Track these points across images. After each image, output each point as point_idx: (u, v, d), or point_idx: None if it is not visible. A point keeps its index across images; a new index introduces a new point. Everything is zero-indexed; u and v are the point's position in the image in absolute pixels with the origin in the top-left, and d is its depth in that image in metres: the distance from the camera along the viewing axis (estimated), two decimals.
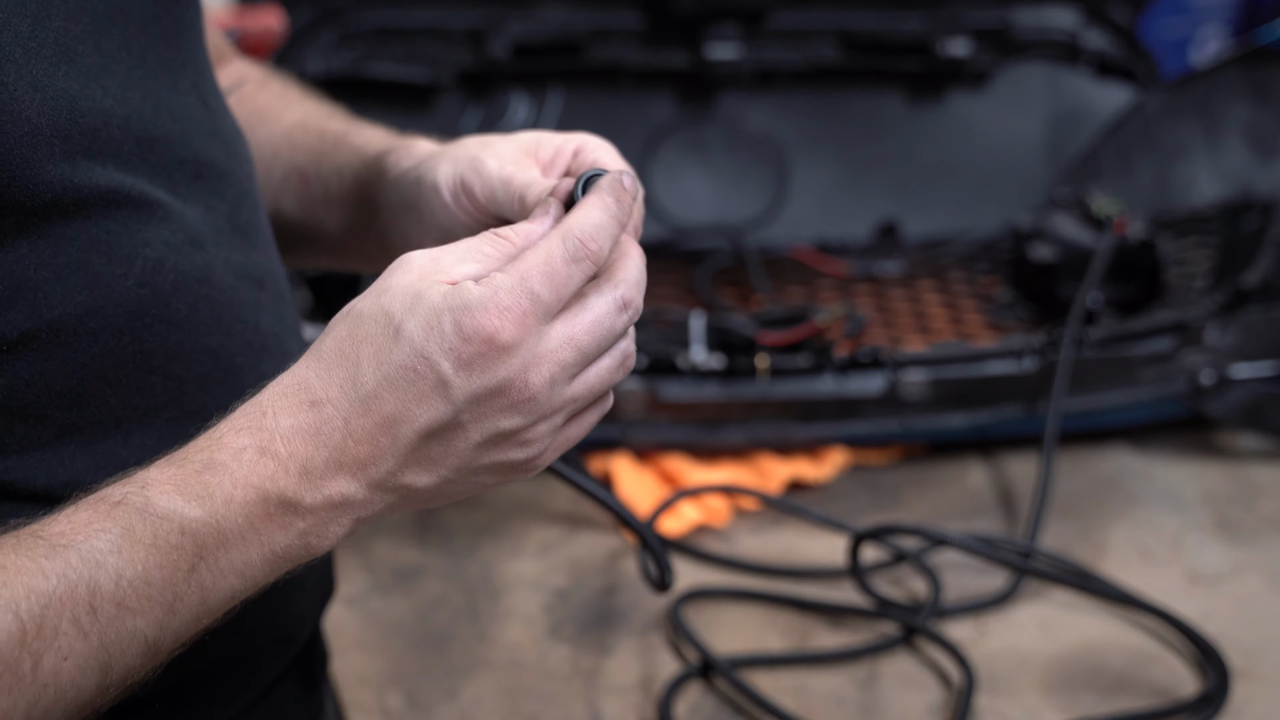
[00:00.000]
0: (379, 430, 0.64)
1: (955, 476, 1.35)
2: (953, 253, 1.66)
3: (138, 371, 0.71)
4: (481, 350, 0.63)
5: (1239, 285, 1.36)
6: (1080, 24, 1.75)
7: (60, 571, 0.58)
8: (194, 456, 0.63)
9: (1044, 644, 1.10)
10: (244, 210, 0.80)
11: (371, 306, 0.65)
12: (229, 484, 0.62)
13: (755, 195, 1.73)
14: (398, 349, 0.64)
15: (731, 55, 1.71)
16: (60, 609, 0.57)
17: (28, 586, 0.57)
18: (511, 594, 1.18)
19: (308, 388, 0.64)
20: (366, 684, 1.07)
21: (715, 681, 1.06)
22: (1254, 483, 1.32)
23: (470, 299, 0.64)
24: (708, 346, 1.34)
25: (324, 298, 1.39)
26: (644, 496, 1.29)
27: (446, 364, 0.63)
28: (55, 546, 0.58)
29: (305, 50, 1.67)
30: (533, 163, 0.80)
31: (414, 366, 0.64)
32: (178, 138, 0.74)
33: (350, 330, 0.65)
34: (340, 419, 0.64)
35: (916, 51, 1.72)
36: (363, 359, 0.64)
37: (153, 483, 0.61)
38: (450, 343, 0.63)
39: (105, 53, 0.70)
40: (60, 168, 0.65)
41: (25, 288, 0.65)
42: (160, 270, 0.71)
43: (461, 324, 0.63)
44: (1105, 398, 1.34)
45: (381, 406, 0.64)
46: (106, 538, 0.59)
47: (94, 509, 0.60)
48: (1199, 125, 1.64)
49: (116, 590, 0.59)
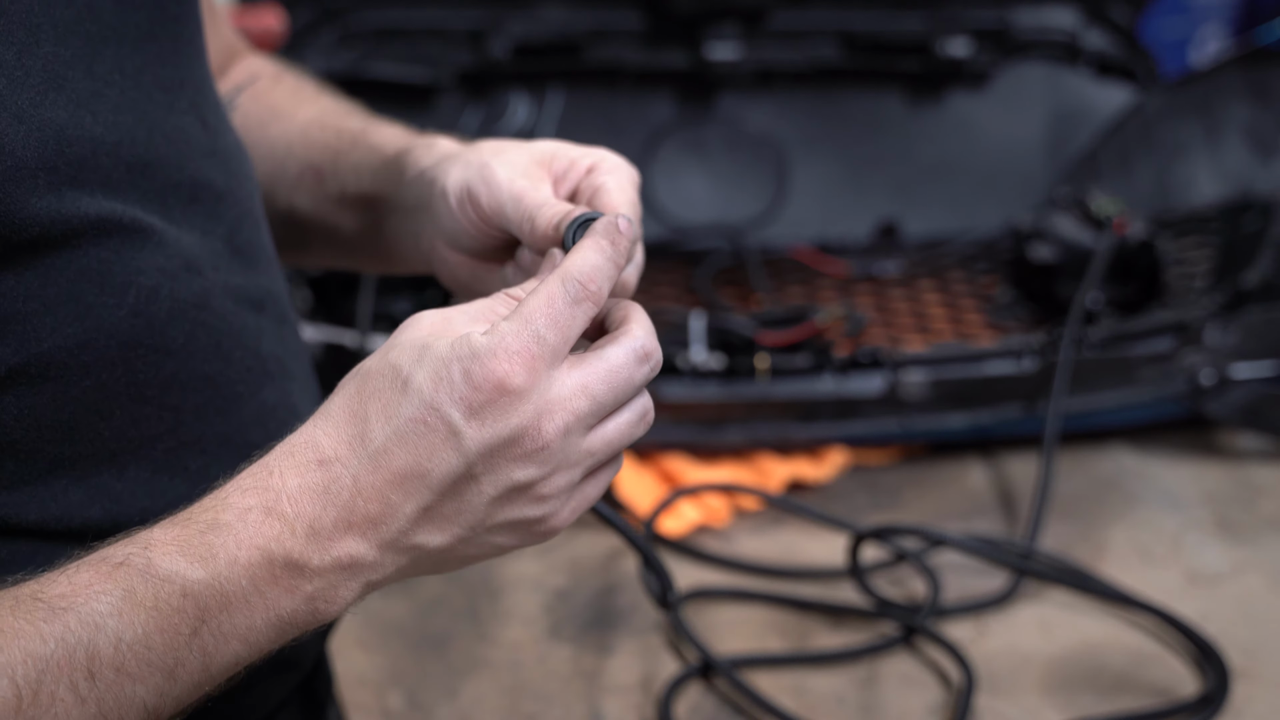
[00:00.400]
0: (389, 487, 0.63)
1: (955, 476, 1.35)
2: (953, 253, 1.66)
3: (132, 403, 0.69)
4: (492, 397, 0.62)
5: (1239, 285, 1.36)
6: (1080, 24, 1.75)
7: (59, 635, 0.56)
8: (199, 517, 0.61)
9: (1044, 644, 1.10)
10: (244, 231, 0.78)
11: (379, 363, 0.64)
12: (233, 545, 0.60)
13: (755, 195, 1.73)
14: (406, 402, 0.62)
15: (731, 55, 1.71)
16: (58, 674, 0.56)
17: (25, 651, 0.55)
18: (511, 594, 1.18)
19: (315, 446, 0.63)
20: (366, 684, 1.07)
21: (715, 681, 1.06)
22: (1254, 483, 1.32)
23: (477, 346, 0.62)
24: (708, 346, 1.34)
25: (324, 298, 1.39)
26: (644, 496, 1.29)
27: (457, 414, 0.62)
28: (54, 609, 0.56)
29: (305, 50, 1.67)
30: (545, 174, 0.78)
31: (424, 419, 0.62)
32: (172, 160, 0.72)
33: (358, 387, 0.64)
34: (349, 476, 0.62)
35: (916, 51, 1.72)
36: (371, 414, 0.63)
37: (155, 543, 0.59)
38: (460, 391, 0.62)
39: (97, 76, 0.68)
40: (45, 200, 0.63)
41: (13, 321, 0.63)
42: (155, 298, 0.69)
43: (470, 371, 0.62)
44: (1105, 398, 1.34)
45: (392, 462, 0.62)
46: (107, 600, 0.57)
47: (95, 569, 0.58)
48: (1199, 125, 1.64)
49: (116, 655, 0.57)
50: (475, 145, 0.80)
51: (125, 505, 0.69)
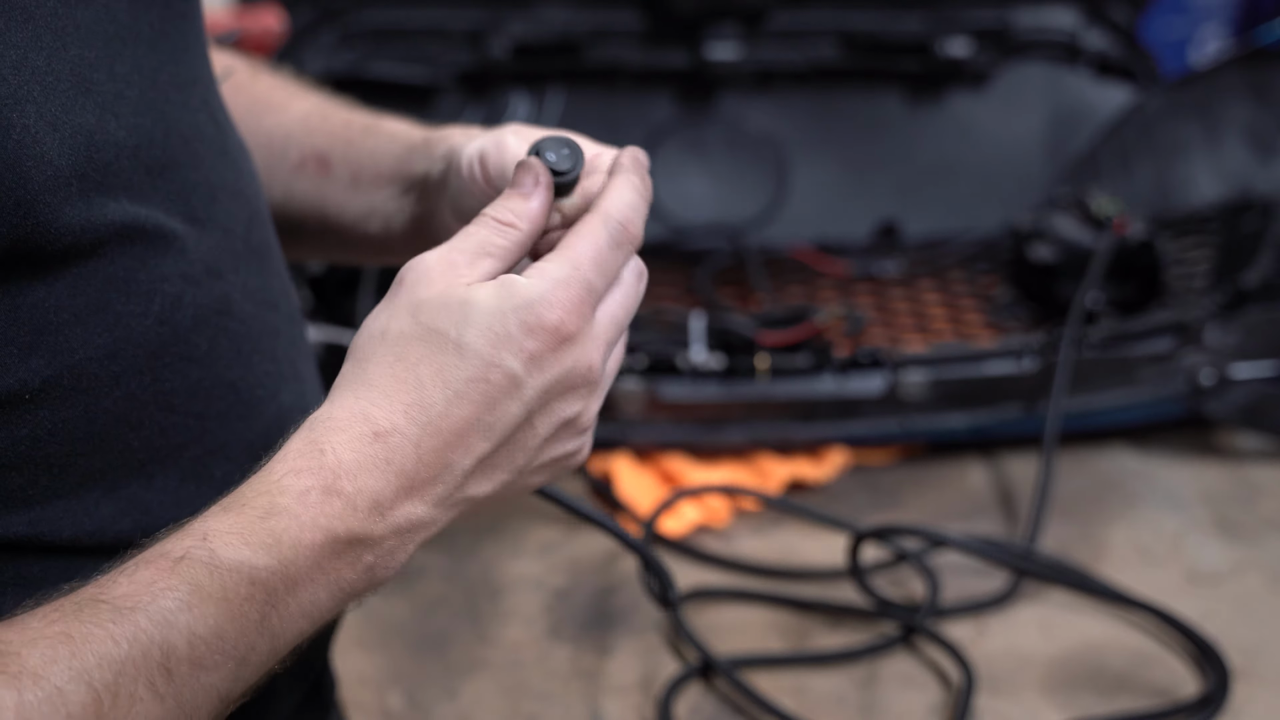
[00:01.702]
0: (449, 447, 0.64)
1: (955, 476, 1.35)
2: (953, 253, 1.66)
3: (160, 412, 0.69)
4: (549, 344, 0.64)
5: (1239, 285, 1.36)
6: (1080, 24, 1.75)
7: (130, 636, 0.55)
8: (253, 502, 0.60)
9: (1044, 644, 1.10)
10: (256, 230, 0.78)
11: (412, 326, 0.65)
12: (295, 528, 0.60)
13: (755, 195, 1.73)
14: (464, 363, 0.63)
15: (731, 55, 1.71)
16: (135, 674, 0.55)
17: (98, 654, 0.54)
18: (511, 594, 1.18)
19: (368, 418, 0.63)
20: (366, 684, 1.07)
21: (715, 682, 1.06)
22: (1254, 483, 1.32)
23: (531, 295, 0.64)
24: (708, 346, 1.34)
25: (324, 298, 1.39)
26: (644, 496, 1.29)
27: (518, 364, 0.64)
28: (121, 610, 0.56)
29: (305, 50, 1.67)
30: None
31: (485, 376, 0.64)
32: (188, 161, 0.72)
33: (399, 354, 0.64)
34: (410, 445, 0.63)
35: (916, 51, 1.72)
36: (425, 380, 0.64)
37: (214, 534, 0.59)
38: (519, 343, 0.64)
39: (119, 78, 0.68)
40: (76, 208, 0.63)
41: (45, 333, 0.63)
42: (179, 306, 0.69)
43: (526, 321, 0.64)
44: (1105, 398, 1.34)
45: (453, 423, 0.63)
46: (174, 595, 0.57)
47: (155, 566, 0.57)
48: (1199, 125, 1.64)
49: (191, 649, 0.57)
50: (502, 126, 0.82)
51: (155, 516, 0.68)
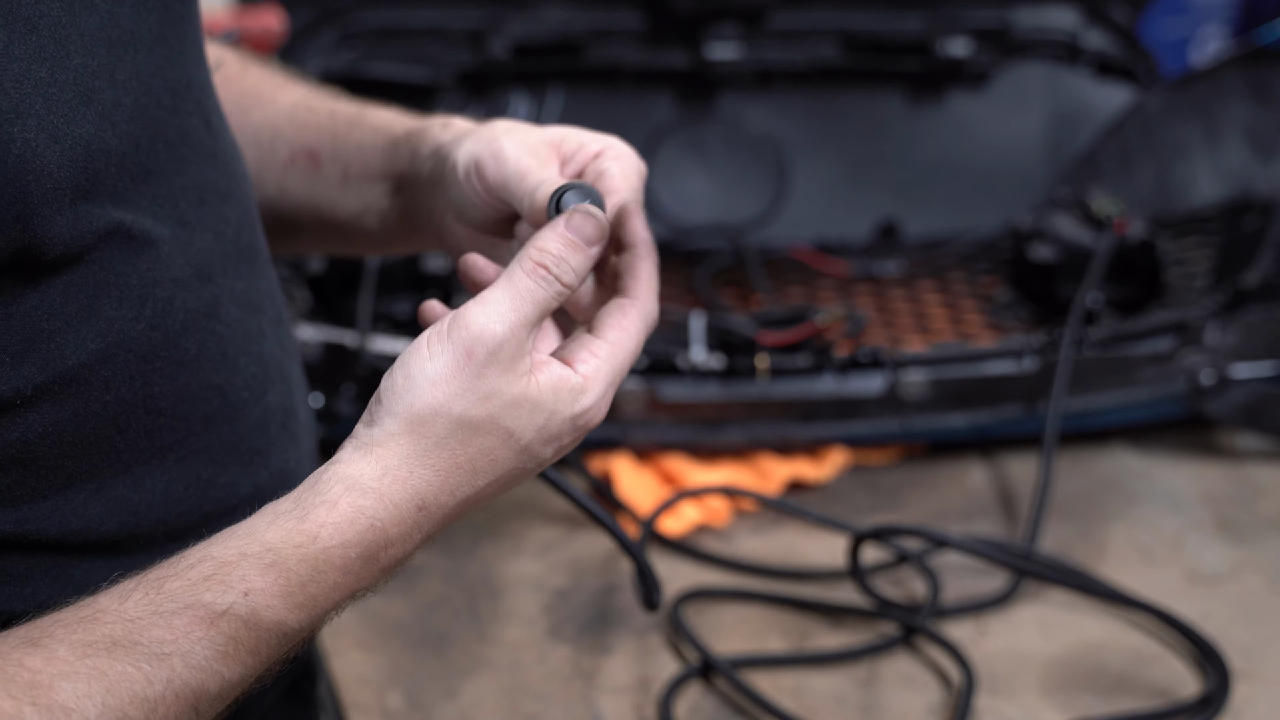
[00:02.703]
0: (469, 505, 0.69)
1: (955, 476, 1.35)
2: (953, 253, 1.66)
3: (147, 415, 0.69)
4: (582, 434, 0.70)
5: (1239, 285, 1.36)
6: (1080, 24, 1.75)
7: (165, 679, 0.58)
8: (296, 567, 0.62)
9: (1044, 644, 1.10)
10: (245, 233, 0.78)
11: (484, 418, 0.66)
12: (333, 594, 0.64)
13: (755, 195, 1.73)
14: (517, 459, 0.68)
15: (731, 55, 1.71)
16: (166, 713, 0.58)
17: (132, 693, 0.57)
18: (511, 594, 1.18)
19: (418, 496, 0.66)
20: (366, 684, 1.07)
21: (715, 682, 1.06)
22: (1254, 483, 1.32)
23: (587, 403, 0.69)
24: (708, 346, 1.34)
25: (324, 298, 1.39)
26: (644, 496, 1.29)
27: (549, 451, 0.69)
28: (157, 655, 0.58)
29: (305, 50, 1.67)
30: (554, 155, 0.79)
31: (524, 466, 0.69)
32: (173, 166, 0.72)
33: (462, 442, 0.66)
34: (441, 515, 0.68)
35: (916, 51, 1.72)
36: (480, 469, 0.67)
37: (256, 592, 0.61)
38: (560, 439, 0.69)
39: (119, 85, 0.67)
40: (65, 215, 0.63)
41: (38, 339, 0.63)
42: (169, 310, 0.70)
43: (575, 423, 0.69)
44: (1105, 398, 1.34)
45: (482, 494, 0.68)
46: (211, 646, 0.59)
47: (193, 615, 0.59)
48: (1199, 125, 1.64)
49: (221, 693, 0.60)
50: (490, 123, 0.81)
51: (142, 517, 0.69)
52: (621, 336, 0.70)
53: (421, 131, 0.84)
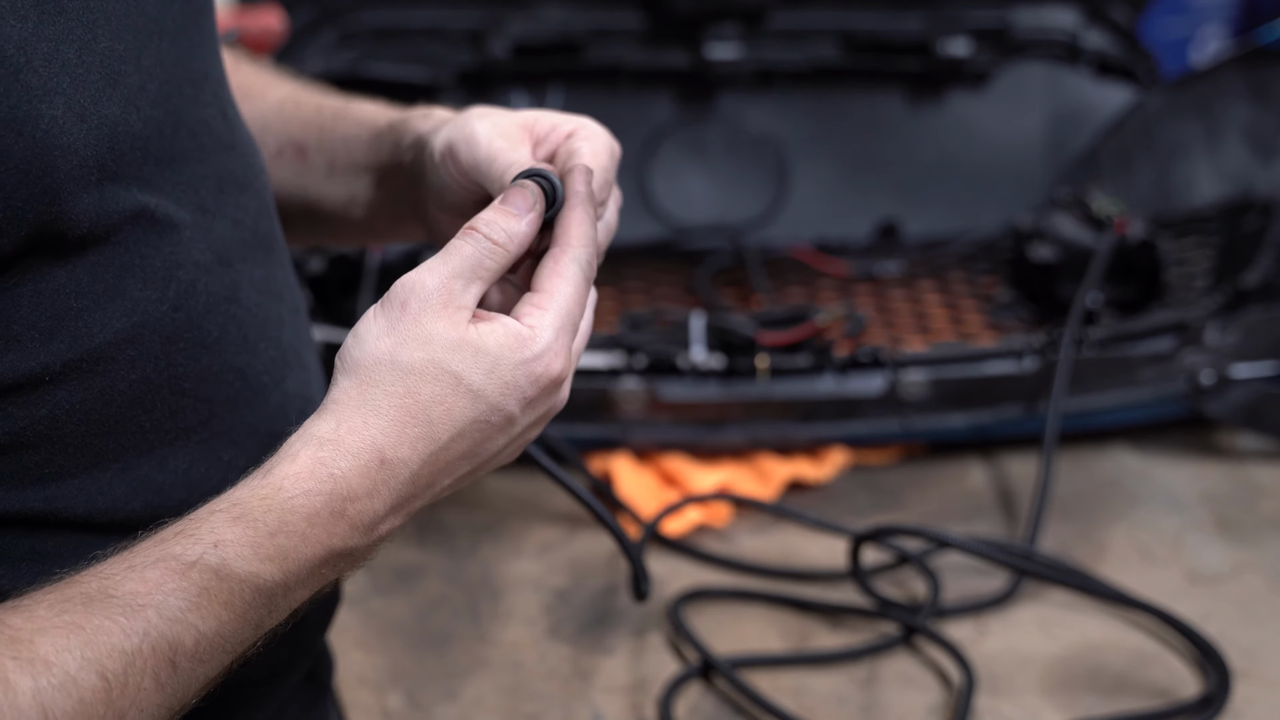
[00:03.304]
0: (442, 473, 0.69)
1: (955, 476, 1.35)
2: (953, 253, 1.66)
3: (172, 395, 0.71)
4: (548, 391, 0.70)
5: (1239, 285, 1.36)
6: (1080, 24, 1.75)
7: (142, 631, 0.59)
8: (263, 518, 0.63)
9: (1044, 644, 1.10)
10: (263, 223, 0.80)
11: (425, 364, 0.68)
12: (303, 547, 0.64)
13: (755, 195, 1.73)
14: (474, 407, 0.68)
15: (731, 55, 1.70)
16: (143, 667, 0.58)
17: (110, 646, 0.58)
18: (511, 594, 1.18)
19: (378, 448, 0.67)
20: (366, 684, 1.07)
21: (715, 681, 1.06)
22: (1254, 483, 1.32)
23: (538, 349, 0.69)
24: (708, 346, 1.34)
25: (324, 298, 1.39)
26: (644, 496, 1.29)
27: (517, 408, 0.69)
28: (132, 606, 0.59)
29: (305, 50, 1.67)
30: (527, 137, 0.82)
31: (488, 418, 0.69)
32: (195, 154, 0.74)
33: (410, 388, 0.68)
34: (409, 473, 0.67)
35: (916, 51, 1.72)
36: (435, 419, 0.68)
37: (226, 544, 0.62)
38: (523, 392, 0.69)
39: (144, 70, 0.69)
40: (92, 195, 0.65)
41: (67, 317, 0.65)
42: (193, 293, 0.72)
43: (534, 374, 0.69)
44: (1105, 398, 1.34)
45: (449, 455, 0.68)
46: (183, 597, 0.60)
47: (166, 568, 0.61)
48: (1199, 125, 1.64)
49: (196, 647, 0.60)
50: (466, 110, 0.84)
51: (165, 497, 0.71)
52: (558, 283, 0.71)
53: (404, 122, 0.87)
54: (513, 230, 0.71)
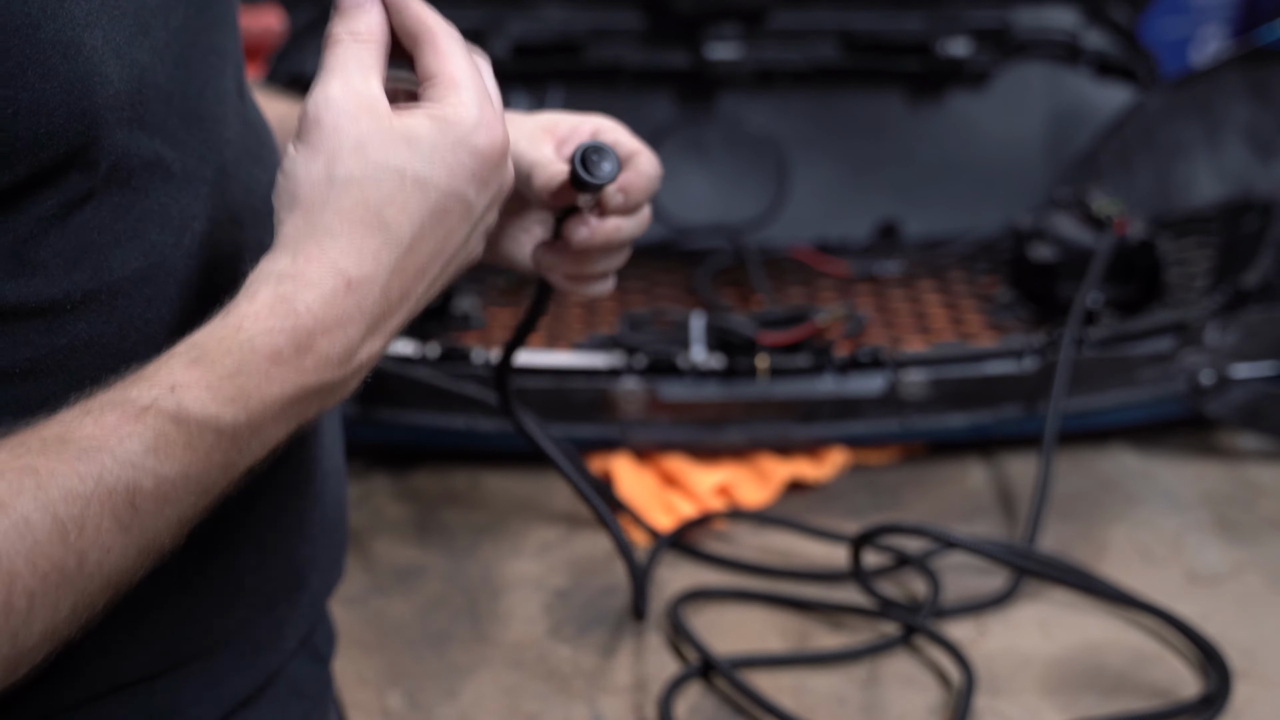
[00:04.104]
0: (414, 280, 0.68)
1: (955, 476, 1.35)
2: (953, 253, 1.66)
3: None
4: (494, 163, 0.69)
5: (1239, 285, 1.36)
6: (1080, 24, 1.75)
7: (96, 474, 0.59)
8: (221, 359, 0.62)
9: (1044, 644, 1.10)
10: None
11: (364, 168, 0.66)
12: (265, 385, 0.63)
13: (755, 195, 1.73)
14: (427, 197, 0.67)
15: (731, 55, 1.70)
16: (100, 509, 0.58)
17: (64, 489, 0.58)
18: (511, 594, 1.18)
19: (339, 270, 0.65)
20: (366, 684, 1.07)
21: (715, 681, 1.06)
22: (1254, 483, 1.32)
23: (468, 123, 0.68)
24: (708, 346, 1.34)
25: None
26: (644, 496, 1.29)
27: (470, 189, 0.68)
28: (86, 449, 0.59)
29: (305, 50, 1.67)
30: (549, 138, 0.84)
31: (446, 206, 0.67)
32: (215, 119, 0.76)
33: (357, 198, 0.66)
34: (379, 289, 0.66)
35: (916, 51, 1.72)
36: (390, 220, 0.66)
37: (181, 386, 0.61)
38: (471, 168, 0.68)
39: (171, 31, 0.72)
40: (121, 134, 0.67)
41: (89, 250, 0.67)
42: (206, 245, 0.73)
43: (478, 149, 0.68)
44: (1105, 398, 1.34)
45: (417, 258, 0.67)
46: (139, 441, 0.60)
47: (121, 412, 0.60)
48: (1199, 125, 1.64)
49: (156, 488, 0.60)
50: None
51: None
52: (452, 64, 0.70)
53: None
54: (372, 24, 0.70)
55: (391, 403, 1.31)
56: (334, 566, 0.91)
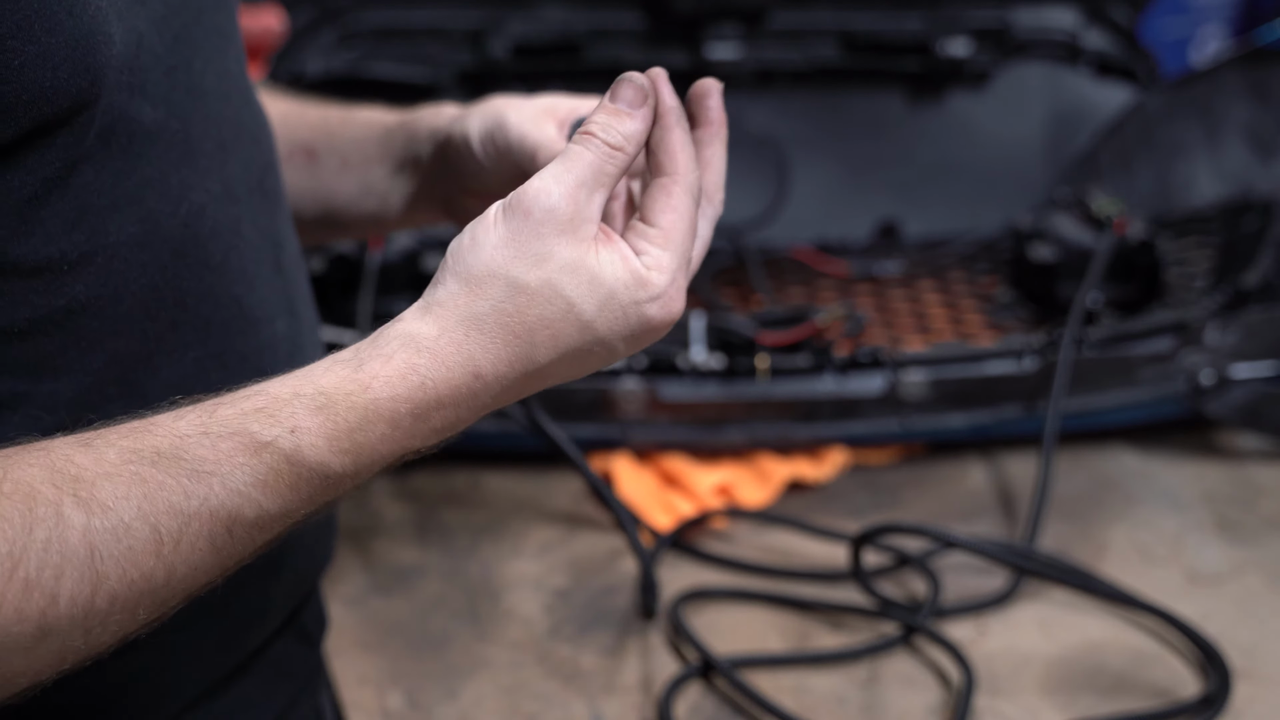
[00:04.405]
0: (531, 388, 0.69)
1: (955, 476, 1.35)
2: (953, 253, 1.66)
3: (175, 307, 0.74)
4: (659, 333, 0.70)
5: (1239, 285, 1.36)
6: (1080, 24, 1.75)
7: (203, 496, 0.61)
8: (345, 413, 0.64)
9: (1044, 644, 1.10)
10: (270, 178, 0.85)
11: (539, 284, 0.67)
12: (380, 446, 0.66)
13: (755, 195, 1.73)
14: (580, 337, 0.68)
15: (731, 55, 1.70)
16: (200, 529, 0.61)
17: (169, 504, 0.60)
18: (511, 594, 1.18)
19: (472, 362, 0.67)
20: (366, 684, 1.07)
21: (715, 681, 1.06)
22: (1254, 483, 1.32)
23: (655, 288, 0.69)
24: (708, 346, 1.34)
25: (324, 298, 1.39)
26: (644, 496, 1.29)
27: (622, 345, 0.70)
28: (198, 472, 0.61)
29: (305, 50, 1.67)
30: (550, 120, 0.88)
31: (591, 349, 0.69)
32: (221, 95, 0.78)
33: (519, 306, 0.67)
34: (500, 388, 0.68)
35: (916, 51, 1.72)
36: (539, 342, 0.67)
37: (302, 430, 0.63)
38: (632, 329, 0.69)
39: (170, 6, 0.73)
40: (123, 96, 0.69)
41: (88, 212, 0.68)
42: (202, 216, 0.75)
43: (647, 317, 0.69)
44: (1105, 398, 1.34)
45: (544, 376, 0.69)
46: (250, 474, 0.62)
47: (239, 442, 0.62)
48: (1199, 125, 1.64)
49: (256, 520, 0.63)
50: (487, 100, 0.91)
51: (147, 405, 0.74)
52: (674, 219, 0.70)
53: (413, 120, 0.95)
54: (628, 131, 0.69)
55: None
56: (320, 546, 0.93)
